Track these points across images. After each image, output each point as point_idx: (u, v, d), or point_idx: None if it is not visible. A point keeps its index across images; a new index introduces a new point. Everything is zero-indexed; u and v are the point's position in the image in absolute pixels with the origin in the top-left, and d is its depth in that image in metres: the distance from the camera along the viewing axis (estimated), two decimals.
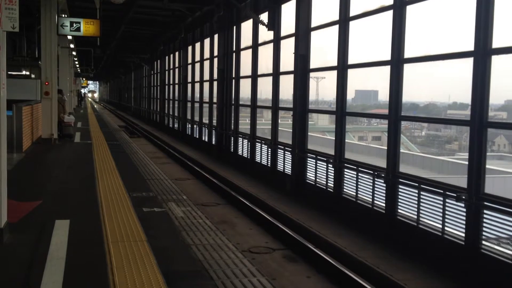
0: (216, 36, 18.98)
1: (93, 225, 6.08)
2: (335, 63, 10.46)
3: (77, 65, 39.35)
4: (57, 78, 16.63)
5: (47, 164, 11.48)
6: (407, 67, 8.48)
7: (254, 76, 15.37)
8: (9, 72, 5.20)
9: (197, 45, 22.81)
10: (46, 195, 7.71)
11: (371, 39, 11.00)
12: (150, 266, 4.68)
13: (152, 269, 4.62)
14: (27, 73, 22.26)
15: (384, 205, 8.71)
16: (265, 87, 15.37)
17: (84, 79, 57.86)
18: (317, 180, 11.26)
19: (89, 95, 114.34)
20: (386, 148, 8.87)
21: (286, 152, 12.93)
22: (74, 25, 13.80)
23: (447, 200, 7.29)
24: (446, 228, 7.34)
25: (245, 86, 16.68)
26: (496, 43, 6.64)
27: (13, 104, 11.87)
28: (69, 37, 20.83)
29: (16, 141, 11.94)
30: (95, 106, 56.51)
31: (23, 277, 4.48)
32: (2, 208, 5.41)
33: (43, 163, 11.65)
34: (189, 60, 24.32)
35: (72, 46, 24.76)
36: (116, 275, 4.46)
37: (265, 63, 14.84)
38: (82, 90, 58.37)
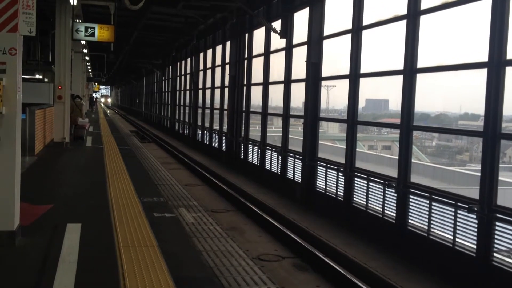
0: (228, 43, 19.06)
1: (105, 229, 6.11)
2: (347, 72, 10.47)
3: (90, 70, 39.62)
4: (70, 82, 16.74)
5: (59, 168, 11.55)
6: (419, 77, 8.47)
7: (266, 84, 15.40)
8: (22, 76, 5.29)
9: (209, 51, 22.91)
10: (58, 199, 7.75)
11: (383, 48, 11.00)
12: (161, 272, 4.69)
13: (163, 274, 4.63)
14: (41, 77, 22.49)
15: (394, 215, 8.68)
16: (276, 95, 15.41)
17: (96, 83, 58.26)
18: (327, 188, 11.24)
19: (102, 100, 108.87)
20: (396, 157, 8.86)
21: (296, 160, 12.92)
22: (89, 30, 13.94)
23: (459, 211, 7.25)
24: (457, 240, 7.29)
25: (256, 93, 16.72)
26: (510, 54, 6.61)
27: (27, 108, 11.97)
28: (83, 42, 20.99)
29: (29, 144, 12.02)
30: (108, 111, 56.63)
31: (35, 280, 4.50)
32: (15, 211, 5.45)
33: (55, 167, 11.72)
34: (201, 67, 24.43)
35: (85, 51, 24.94)
36: (127, 280, 4.47)
37: (277, 71, 14.89)
38: (94, 95, 58.66)
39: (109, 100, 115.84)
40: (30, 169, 10.61)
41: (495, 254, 6.68)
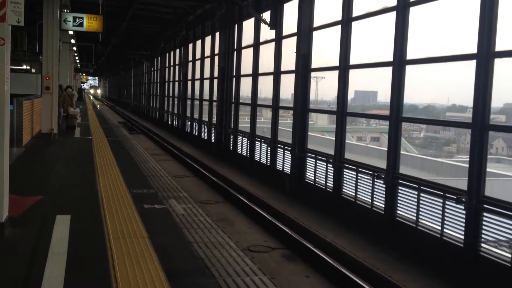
0: (217, 34, 18.99)
1: (94, 221, 6.09)
2: (336, 63, 10.47)
3: (78, 61, 39.29)
4: (58, 73, 16.59)
5: (47, 159, 11.48)
6: (408, 69, 8.50)
7: (255, 75, 15.38)
8: (10, 66, 5.25)
9: (198, 42, 22.81)
10: (46, 190, 7.71)
11: (373, 40, 11.03)
12: (152, 263, 4.69)
13: (154, 265, 4.63)
14: (28, 67, 22.25)
15: (383, 206, 8.74)
16: (265, 86, 15.40)
17: (84, 74, 57.79)
18: (317, 180, 11.28)
19: (91, 91, 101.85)
20: (384, 149, 8.90)
21: (285, 151, 12.94)
22: (77, 20, 13.82)
23: (447, 202, 7.32)
24: (445, 230, 7.36)
25: (245, 85, 16.71)
26: (499, 46, 6.66)
27: (14, 99, 11.86)
28: (70, 32, 20.80)
29: (17, 135, 11.92)
30: (96, 103, 56.08)
31: (25, 271, 4.48)
32: (3, 202, 5.42)
33: (43, 158, 11.64)
34: (190, 58, 24.33)
35: (73, 41, 24.71)
36: (118, 271, 4.46)
37: (266, 62, 14.86)
38: (82, 85, 58.12)
39: (99, 91, 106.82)
40: (18, 161, 10.53)
41: (482, 245, 6.75)
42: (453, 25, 8.89)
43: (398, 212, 8.43)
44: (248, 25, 16.24)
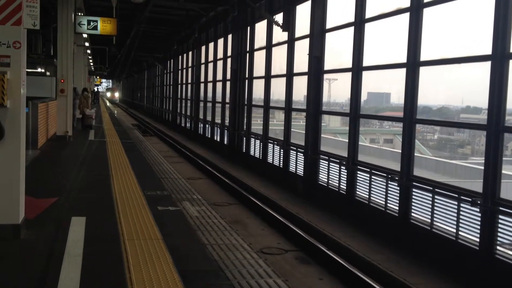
0: (230, 36, 19.03)
1: (109, 223, 6.13)
2: (349, 65, 10.45)
3: (91, 63, 39.59)
4: (72, 76, 16.74)
5: (62, 161, 11.58)
6: (421, 70, 8.46)
7: (268, 77, 15.38)
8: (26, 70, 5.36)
9: (211, 45, 22.88)
10: (62, 192, 7.78)
11: (386, 41, 10.97)
12: (166, 265, 4.71)
13: (168, 267, 4.65)
14: (42, 70, 22.46)
15: (397, 208, 8.69)
16: (278, 88, 15.39)
17: (98, 77, 58.19)
18: (330, 182, 11.25)
19: (108, 94, 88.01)
20: (398, 151, 8.85)
21: (298, 153, 12.93)
22: (91, 23, 13.93)
23: (462, 205, 7.26)
24: (460, 233, 7.31)
25: (258, 87, 16.71)
26: None
27: (29, 101, 11.99)
28: (84, 35, 20.98)
29: (32, 138, 12.05)
30: (110, 106, 56.03)
31: (41, 273, 4.53)
32: (20, 204, 5.47)
33: (58, 160, 11.75)
34: (203, 60, 24.40)
35: (87, 44, 24.92)
36: (133, 273, 4.49)
37: (279, 64, 14.86)
38: (96, 88, 58.42)
39: (117, 94, 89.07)
40: (33, 163, 10.63)
41: (498, 247, 6.69)
42: (468, 26, 8.82)
43: (412, 214, 8.38)
44: (261, 27, 16.26)
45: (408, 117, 8.54)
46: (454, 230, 7.38)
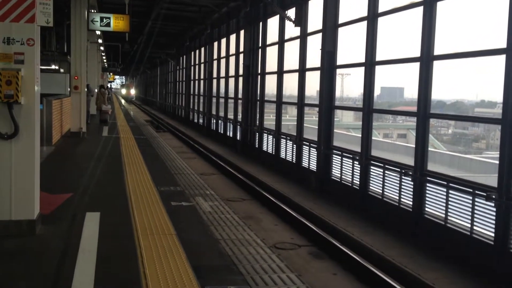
0: (242, 32, 19.01)
1: (123, 218, 6.17)
2: (362, 60, 10.39)
3: (105, 60, 39.80)
4: (86, 72, 16.86)
5: (77, 157, 11.67)
6: (435, 64, 8.39)
7: (280, 72, 15.36)
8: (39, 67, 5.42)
9: (223, 40, 22.88)
10: (76, 188, 7.84)
11: (399, 35, 10.90)
12: (180, 260, 4.74)
13: (182, 262, 4.67)
14: (56, 67, 22.64)
15: (411, 203, 8.65)
16: (290, 84, 15.36)
17: (111, 73, 58.47)
18: (343, 177, 11.22)
19: (123, 91, 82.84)
20: (411, 145, 8.79)
21: (311, 148, 12.90)
22: (104, 20, 14.00)
23: (476, 199, 7.20)
24: (474, 228, 7.25)
25: (270, 82, 16.69)
26: None
27: (44, 98, 12.08)
28: (98, 32, 21.09)
29: (46, 134, 12.15)
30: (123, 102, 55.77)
31: (56, 268, 4.57)
32: (35, 200, 5.53)
33: (73, 156, 11.85)
34: (215, 56, 24.41)
35: (100, 41, 25.05)
36: (147, 268, 4.52)
37: (291, 59, 14.83)
38: (109, 85, 58.65)
39: (133, 91, 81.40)
40: (48, 159, 10.73)
41: None
42: (482, 19, 8.73)
43: (426, 209, 8.33)
44: (273, 23, 16.23)
45: (422, 111, 8.47)
46: (469, 225, 7.32)
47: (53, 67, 22.47)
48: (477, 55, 7.69)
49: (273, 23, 16.26)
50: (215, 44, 24.29)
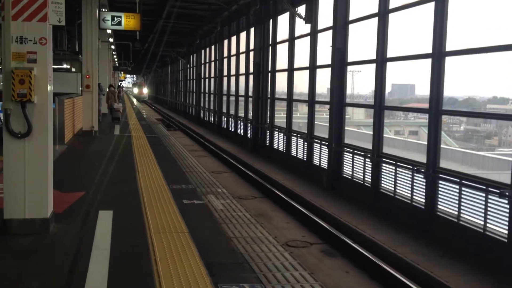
0: (252, 30, 19.00)
1: (136, 216, 6.20)
2: (373, 57, 10.34)
3: (116, 59, 39.97)
4: (97, 71, 16.94)
5: (89, 156, 11.73)
6: (447, 60, 8.33)
7: (291, 70, 15.33)
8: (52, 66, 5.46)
9: (233, 38, 22.88)
10: (89, 186, 7.88)
11: (410, 31, 10.83)
12: (193, 257, 4.75)
13: (195, 260, 4.69)
14: (68, 66, 22.77)
15: (423, 200, 8.60)
16: (301, 81, 15.33)
17: (122, 72, 58.72)
18: (354, 174, 11.19)
19: (135, 91, 77.31)
20: (423, 142, 8.74)
21: (322, 146, 12.88)
22: (115, 19, 14.05)
23: (490, 196, 7.15)
24: (488, 225, 7.20)
25: (281, 80, 16.67)
26: None
27: (56, 97, 12.14)
28: (109, 31, 21.18)
29: (59, 133, 12.22)
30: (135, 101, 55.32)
31: (69, 267, 4.60)
32: (48, 199, 5.57)
33: (85, 155, 11.91)
34: (225, 54, 24.43)
35: (111, 40, 25.16)
36: (159, 266, 4.54)
37: (302, 57, 14.80)
38: (120, 83, 58.87)
39: (145, 91, 75.14)
40: (61, 158, 10.80)
41: None
42: (493, 15, 8.64)
43: (439, 206, 8.28)
44: (283, 20, 16.20)
45: (434, 108, 8.42)
46: (482, 222, 7.27)
47: (64, 66, 22.62)
48: (489, 51, 7.63)
49: (283, 20, 16.24)
50: (225, 42, 24.30)
